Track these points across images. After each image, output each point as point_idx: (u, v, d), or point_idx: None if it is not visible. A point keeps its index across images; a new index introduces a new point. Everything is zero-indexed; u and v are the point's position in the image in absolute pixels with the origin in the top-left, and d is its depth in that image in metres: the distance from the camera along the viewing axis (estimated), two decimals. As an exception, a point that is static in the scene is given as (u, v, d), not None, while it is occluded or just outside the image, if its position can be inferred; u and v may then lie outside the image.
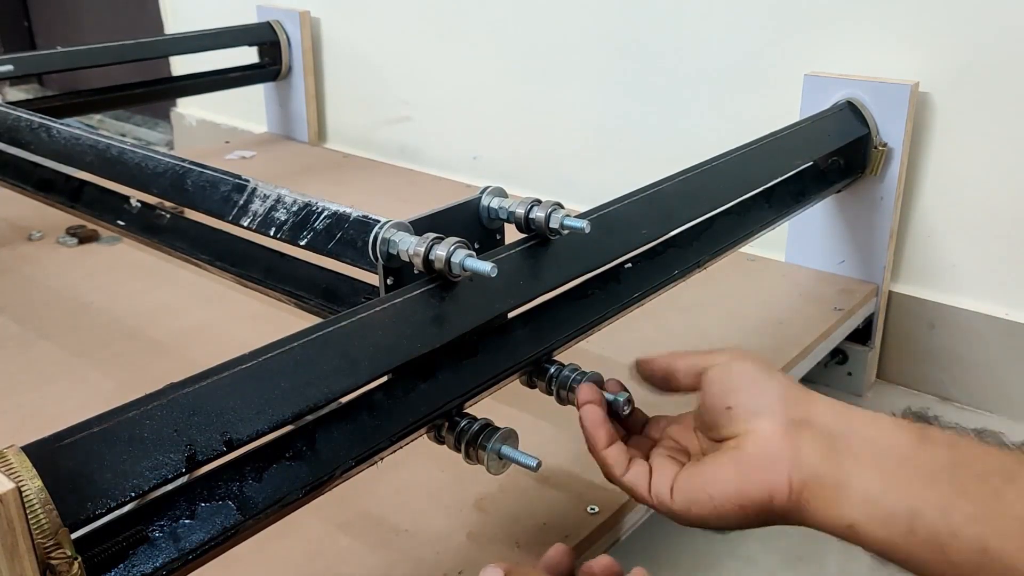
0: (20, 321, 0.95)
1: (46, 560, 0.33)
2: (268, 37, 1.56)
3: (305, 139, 1.63)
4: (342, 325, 0.48)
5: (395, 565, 0.60)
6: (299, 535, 0.62)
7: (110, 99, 1.44)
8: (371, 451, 0.48)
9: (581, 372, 0.58)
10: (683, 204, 0.71)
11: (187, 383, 0.41)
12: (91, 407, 0.39)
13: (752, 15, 1.08)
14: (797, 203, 0.88)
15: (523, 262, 0.57)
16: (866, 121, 0.95)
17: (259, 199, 0.65)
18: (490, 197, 0.57)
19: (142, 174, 0.76)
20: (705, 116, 1.16)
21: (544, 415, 0.75)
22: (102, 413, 0.38)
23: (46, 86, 2.62)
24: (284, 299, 0.68)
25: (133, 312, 0.97)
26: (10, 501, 0.31)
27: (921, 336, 1.04)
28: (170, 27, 1.90)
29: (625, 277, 0.66)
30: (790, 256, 1.08)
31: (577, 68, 1.27)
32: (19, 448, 0.35)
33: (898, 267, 1.04)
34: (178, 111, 1.97)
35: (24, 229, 1.19)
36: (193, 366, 0.42)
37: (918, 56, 0.97)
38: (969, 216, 0.98)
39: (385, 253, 0.52)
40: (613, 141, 1.26)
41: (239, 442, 0.41)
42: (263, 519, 0.43)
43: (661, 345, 0.89)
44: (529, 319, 0.59)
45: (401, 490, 0.68)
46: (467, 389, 0.54)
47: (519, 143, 1.37)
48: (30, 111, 0.93)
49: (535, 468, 0.51)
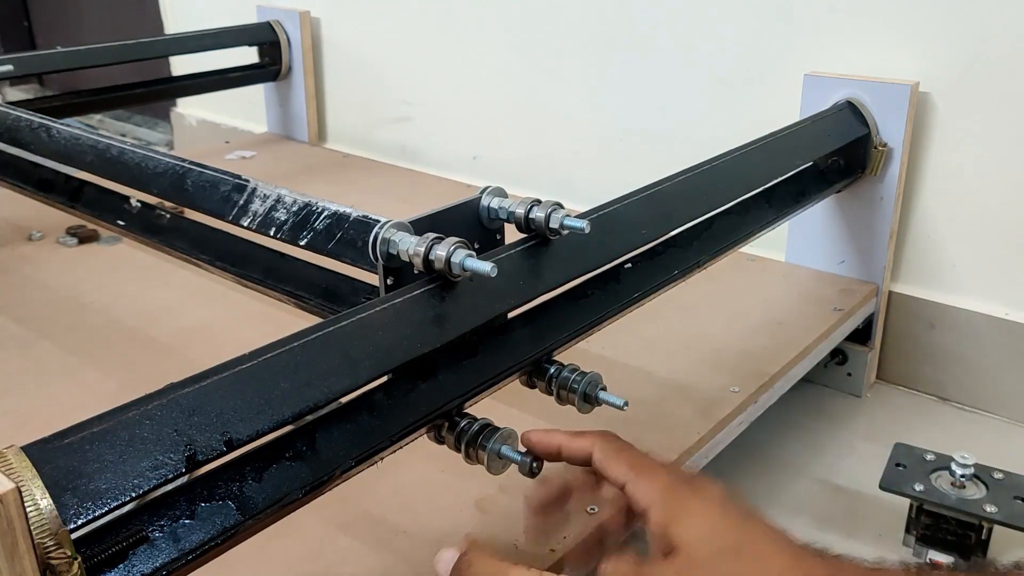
0: (20, 321, 0.95)
1: (46, 560, 0.33)
2: (268, 37, 1.56)
3: (305, 139, 1.63)
4: (342, 325, 0.48)
5: (395, 565, 0.60)
6: (299, 535, 0.62)
7: (110, 99, 1.44)
8: (371, 451, 0.48)
9: (581, 372, 0.58)
10: (683, 204, 0.71)
11: (187, 383, 0.41)
12: (91, 407, 0.39)
13: (752, 15, 1.08)
14: (797, 203, 0.88)
15: (523, 262, 0.57)
16: (866, 121, 0.95)
17: (259, 199, 0.65)
18: (490, 197, 0.57)
19: (142, 174, 0.76)
20: (705, 116, 1.16)
21: (544, 415, 0.75)
22: (102, 413, 0.38)
23: (46, 86, 2.62)
24: (284, 299, 0.68)
25: (133, 312, 0.97)
26: (10, 501, 0.31)
27: (921, 336, 1.04)
28: (170, 27, 1.90)
29: (625, 277, 0.66)
30: (790, 256, 1.09)
31: (577, 68, 1.27)
32: (19, 448, 0.35)
33: (898, 267, 1.04)
34: (178, 111, 1.97)
35: (24, 229, 1.19)
36: (193, 366, 0.42)
37: (918, 56, 0.97)
38: (969, 216, 0.98)
39: (385, 253, 0.52)
40: (613, 141, 1.26)
41: (239, 442, 0.41)
42: (263, 519, 0.43)
43: (661, 345, 0.90)
44: (529, 319, 0.59)
45: (401, 490, 0.68)
46: (467, 389, 0.53)
47: (519, 143, 1.37)
48: (30, 111, 0.93)
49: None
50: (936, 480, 0.75)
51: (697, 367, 0.85)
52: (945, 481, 0.75)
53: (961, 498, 0.73)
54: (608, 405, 0.57)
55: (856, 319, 0.99)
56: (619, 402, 0.57)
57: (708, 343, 0.90)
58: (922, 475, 0.76)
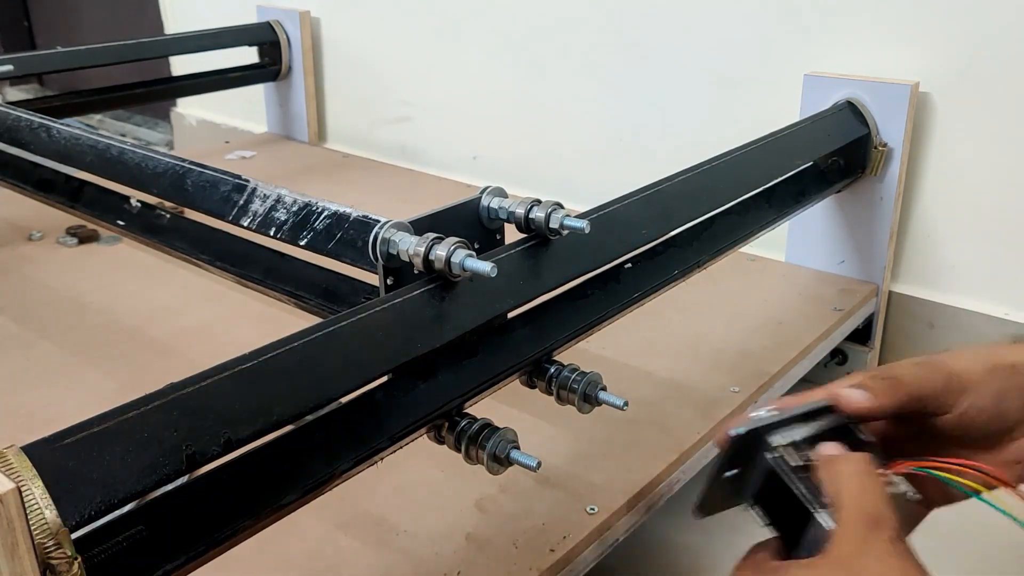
0: (20, 321, 0.95)
1: (46, 560, 0.33)
2: (268, 37, 1.56)
3: (305, 139, 1.63)
4: (342, 325, 0.48)
5: (395, 565, 0.60)
6: (299, 535, 0.62)
7: (110, 99, 1.44)
8: (371, 451, 0.48)
9: (581, 372, 0.58)
10: (683, 204, 0.71)
11: (187, 383, 0.41)
12: (91, 407, 0.39)
13: (752, 15, 1.08)
14: (797, 203, 0.88)
15: (523, 262, 0.57)
16: (866, 121, 0.95)
17: (259, 199, 0.65)
18: (490, 197, 0.57)
19: (142, 174, 0.76)
20: (705, 116, 1.16)
21: (544, 415, 0.75)
22: (102, 413, 0.38)
23: (46, 86, 2.62)
24: (284, 299, 0.68)
25: (133, 312, 0.97)
26: (10, 501, 0.31)
27: (921, 336, 1.04)
28: (170, 27, 1.90)
29: (625, 277, 0.66)
30: (790, 256, 1.09)
31: (577, 68, 1.27)
32: (19, 448, 0.35)
33: (898, 267, 1.04)
34: (178, 111, 1.97)
35: (24, 229, 1.19)
36: (193, 366, 0.42)
37: (918, 56, 0.97)
38: (969, 216, 0.98)
39: (385, 253, 0.52)
40: (613, 141, 1.26)
41: (239, 442, 0.41)
42: (263, 519, 0.43)
43: (661, 345, 0.90)
44: (529, 319, 0.59)
45: (401, 490, 0.68)
46: (467, 389, 0.53)
47: (519, 143, 1.37)
48: (30, 111, 0.93)
49: (535, 468, 0.51)
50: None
51: (697, 367, 0.85)
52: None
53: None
54: (608, 405, 0.57)
55: (856, 319, 0.99)
56: (619, 402, 0.57)
57: (708, 343, 0.90)
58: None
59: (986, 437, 0.47)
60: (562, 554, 0.61)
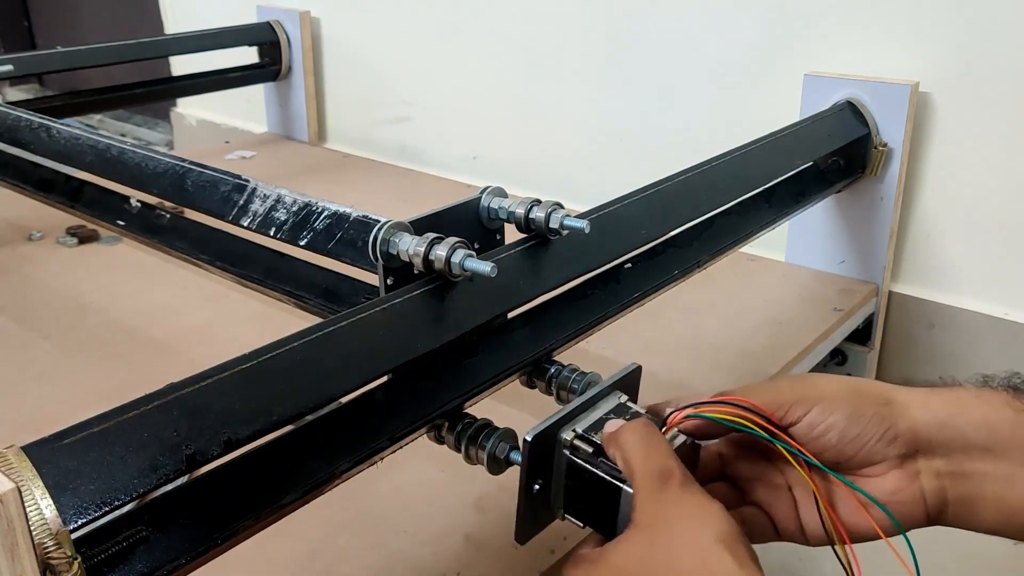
0: (20, 321, 0.95)
1: (46, 560, 0.33)
2: (268, 37, 1.56)
3: (305, 139, 1.63)
4: (342, 325, 0.48)
5: (394, 565, 0.60)
6: (299, 535, 0.62)
7: (110, 99, 1.44)
8: (371, 451, 0.48)
9: (581, 372, 0.58)
10: (683, 204, 0.71)
11: (187, 383, 0.41)
12: (91, 407, 0.39)
13: (752, 15, 1.08)
14: (797, 203, 0.88)
15: (523, 262, 0.57)
16: (866, 121, 0.95)
17: (259, 199, 0.65)
18: (490, 197, 0.57)
19: (142, 174, 0.76)
20: (705, 116, 1.16)
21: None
22: (102, 413, 0.38)
23: (46, 86, 2.62)
24: (284, 299, 0.68)
25: (133, 312, 0.97)
26: (10, 501, 0.31)
27: (921, 336, 1.04)
28: (170, 27, 1.89)
29: (625, 277, 0.66)
30: (790, 256, 1.09)
31: (577, 68, 1.27)
32: (19, 448, 0.35)
33: (898, 267, 1.04)
34: (178, 111, 1.97)
35: (24, 229, 1.19)
36: (193, 366, 0.42)
37: (918, 56, 0.97)
38: (969, 216, 0.98)
39: (385, 253, 0.52)
40: (613, 141, 1.26)
41: (239, 442, 0.41)
42: (263, 519, 0.43)
43: (661, 345, 0.90)
44: (529, 319, 0.59)
45: (401, 490, 0.68)
46: (467, 389, 0.54)
47: (519, 143, 1.37)
48: (30, 111, 0.93)
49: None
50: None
51: (697, 367, 0.85)
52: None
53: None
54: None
55: (856, 319, 0.99)
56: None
57: (708, 343, 0.90)
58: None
59: (845, 459, 0.46)
60: (562, 555, 0.61)
